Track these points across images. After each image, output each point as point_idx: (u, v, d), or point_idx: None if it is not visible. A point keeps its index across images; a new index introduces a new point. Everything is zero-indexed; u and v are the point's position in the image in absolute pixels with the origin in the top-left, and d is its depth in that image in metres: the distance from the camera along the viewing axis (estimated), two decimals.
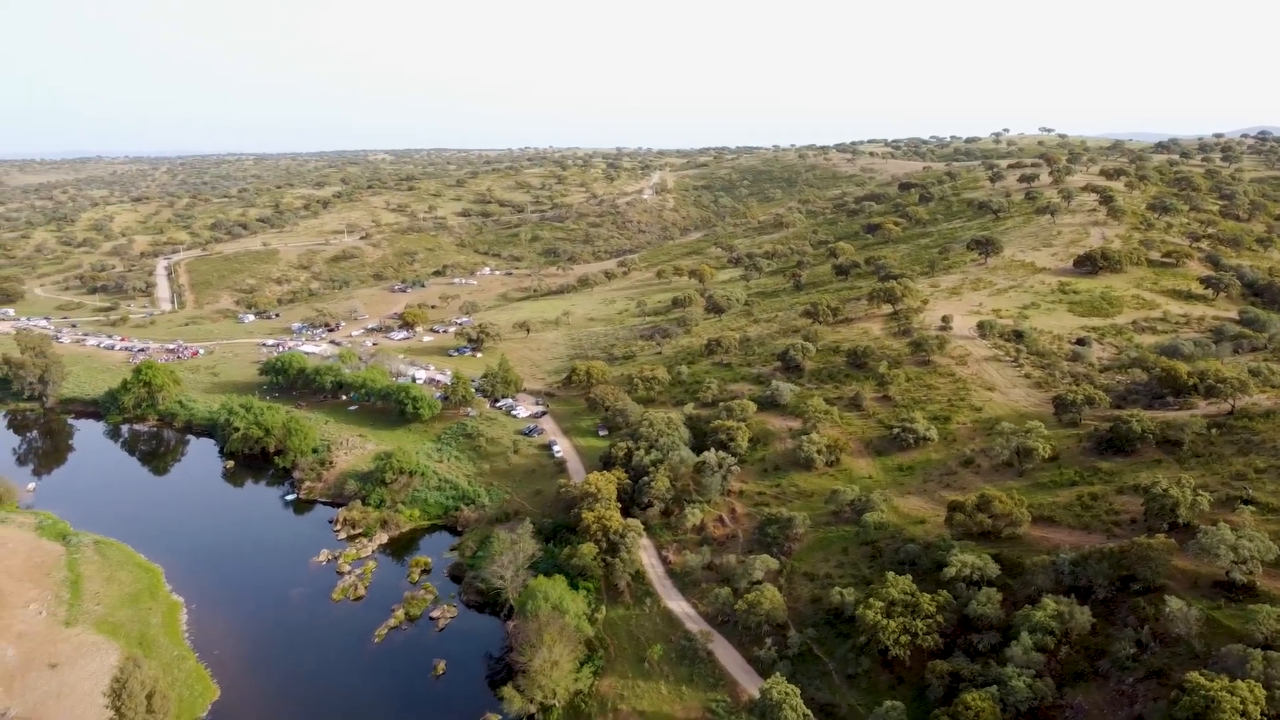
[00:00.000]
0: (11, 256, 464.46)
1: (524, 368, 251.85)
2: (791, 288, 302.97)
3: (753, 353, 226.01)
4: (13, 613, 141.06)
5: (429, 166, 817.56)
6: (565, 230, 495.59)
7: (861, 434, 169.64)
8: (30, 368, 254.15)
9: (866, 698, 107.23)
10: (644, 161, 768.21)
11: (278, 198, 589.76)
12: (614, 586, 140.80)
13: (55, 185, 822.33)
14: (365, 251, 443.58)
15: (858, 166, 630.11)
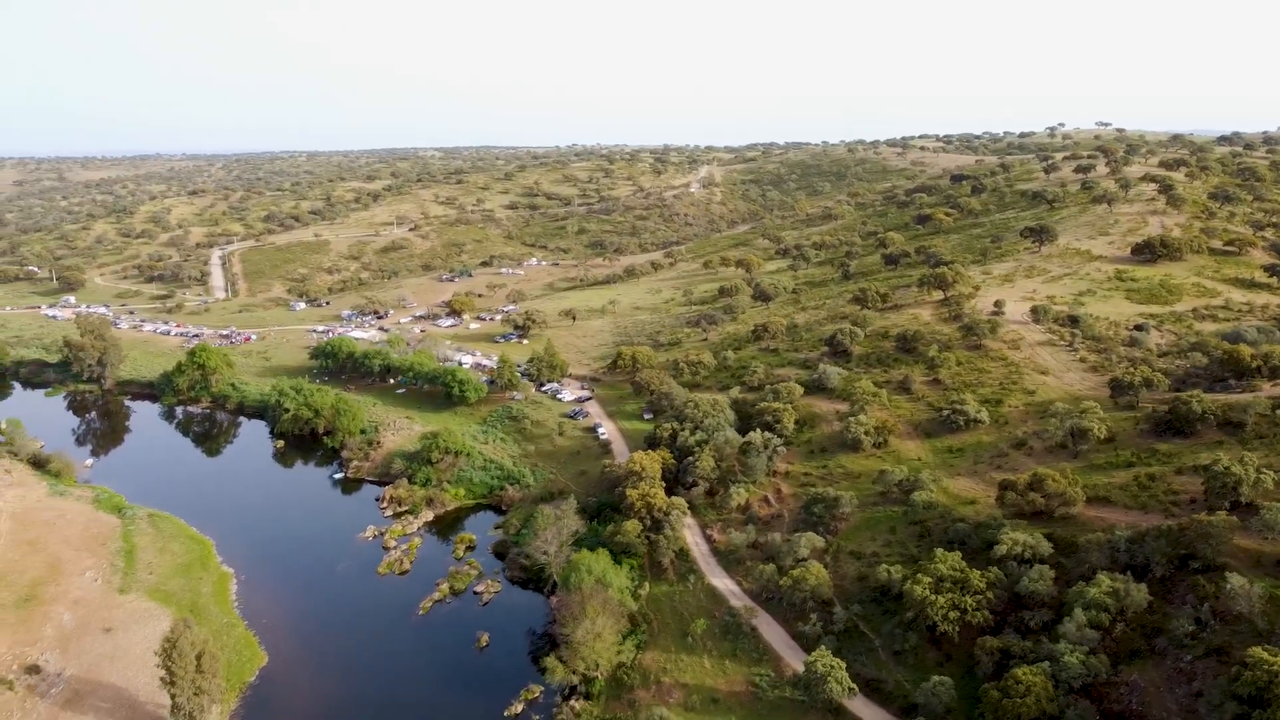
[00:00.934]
0: (73, 247, 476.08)
1: (569, 354, 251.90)
2: (840, 277, 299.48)
3: (800, 339, 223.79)
4: (70, 580, 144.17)
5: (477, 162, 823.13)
6: (612, 223, 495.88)
7: (910, 417, 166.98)
8: (90, 350, 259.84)
9: (913, 674, 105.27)
10: (691, 157, 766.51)
11: (329, 191, 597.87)
12: (658, 563, 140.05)
13: (115, 180, 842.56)
14: (414, 243, 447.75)
15: (908, 160, 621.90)
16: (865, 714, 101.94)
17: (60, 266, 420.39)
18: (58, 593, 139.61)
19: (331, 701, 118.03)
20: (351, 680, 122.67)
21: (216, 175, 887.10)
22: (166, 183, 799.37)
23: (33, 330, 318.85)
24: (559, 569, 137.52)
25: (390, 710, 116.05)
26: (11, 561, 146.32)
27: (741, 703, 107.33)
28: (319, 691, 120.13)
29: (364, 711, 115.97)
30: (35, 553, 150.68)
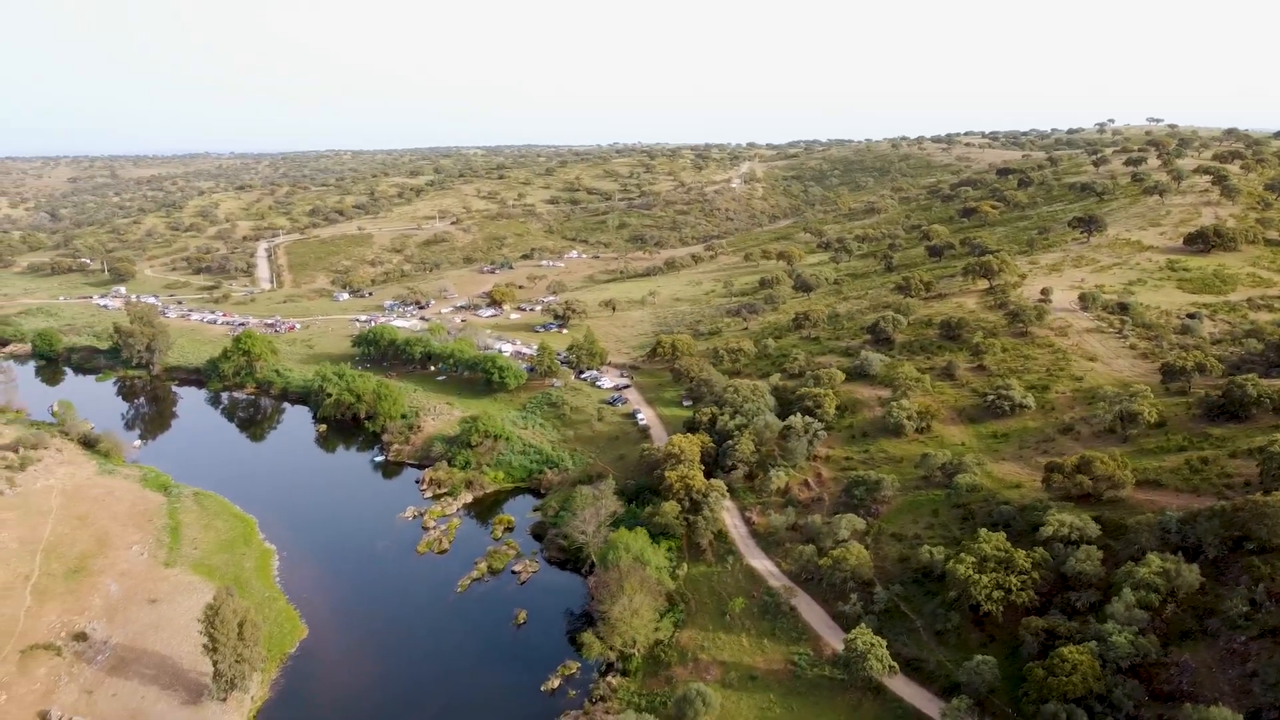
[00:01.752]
0: (124, 240, 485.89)
1: (609, 343, 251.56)
2: (883, 269, 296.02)
3: (841, 327, 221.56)
4: (117, 553, 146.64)
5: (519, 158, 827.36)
6: (652, 218, 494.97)
7: (954, 402, 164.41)
8: (139, 336, 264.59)
9: (955, 654, 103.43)
10: (733, 154, 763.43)
11: (373, 186, 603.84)
12: (696, 545, 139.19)
13: (165, 178, 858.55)
14: (456, 236, 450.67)
15: (953, 156, 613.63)
16: (905, 693, 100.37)
17: (112, 258, 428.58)
18: (105, 565, 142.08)
19: (370, 673, 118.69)
20: (390, 654, 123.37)
21: (263, 172, 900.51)
22: (215, 180, 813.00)
23: (85, 319, 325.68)
24: (597, 549, 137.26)
25: (428, 683, 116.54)
26: (62, 535, 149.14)
27: (780, 680, 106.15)
28: (358, 663, 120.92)
29: (402, 684, 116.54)
30: (84, 527, 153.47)
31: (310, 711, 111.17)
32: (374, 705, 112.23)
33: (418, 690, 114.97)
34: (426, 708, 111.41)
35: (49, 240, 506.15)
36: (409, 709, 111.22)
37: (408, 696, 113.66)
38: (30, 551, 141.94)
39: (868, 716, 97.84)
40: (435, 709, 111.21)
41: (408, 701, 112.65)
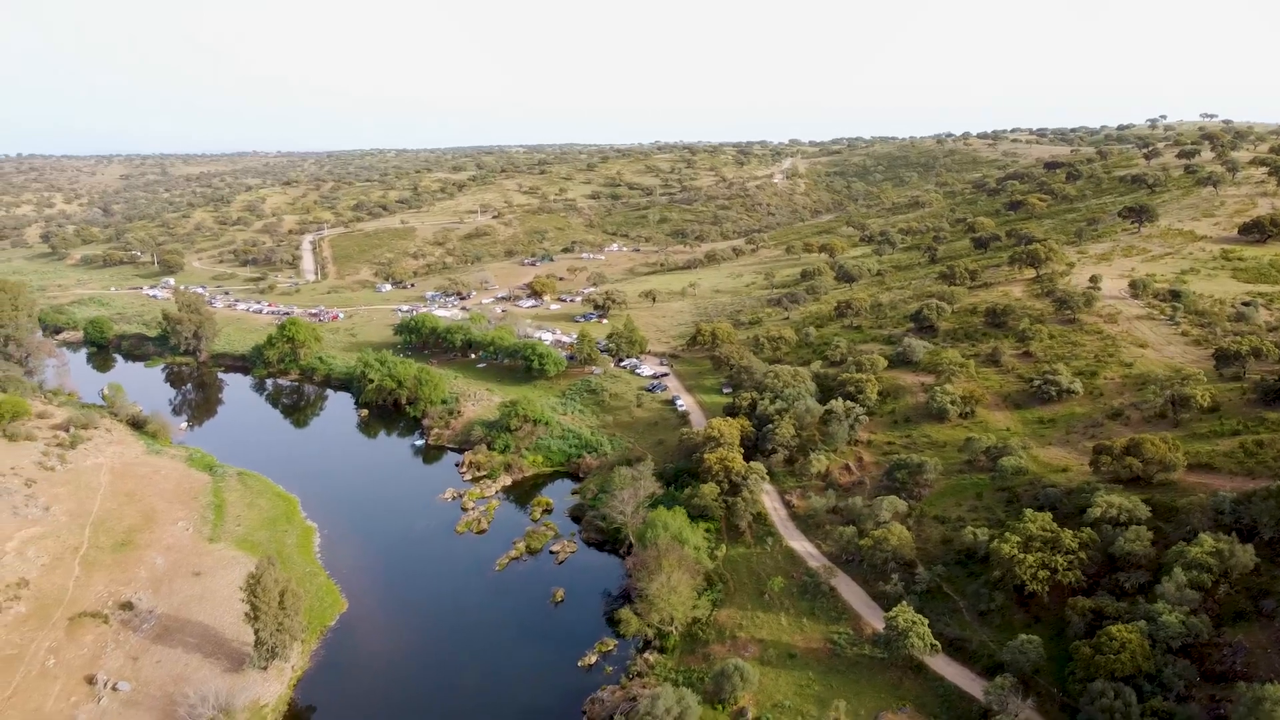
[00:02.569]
0: (173, 233, 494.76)
1: (649, 333, 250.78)
2: (926, 260, 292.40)
3: (884, 316, 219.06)
4: (163, 528, 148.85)
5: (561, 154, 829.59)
6: (694, 212, 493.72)
7: (999, 388, 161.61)
8: (186, 324, 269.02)
9: (999, 635, 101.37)
10: (774, 150, 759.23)
11: (416, 181, 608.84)
12: (734, 527, 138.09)
13: (214, 174, 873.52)
14: (497, 230, 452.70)
15: (999, 151, 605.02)
16: (947, 672, 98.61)
17: (161, 251, 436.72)
18: (151, 539, 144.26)
19: (409, 646, 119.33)
20: (428, 628, 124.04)
21: (309, 170, 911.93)
22: (261, 176, 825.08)
23: (134, 308, 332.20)
24: (634, 529, 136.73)
25: (465, 657, 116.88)
26: (110, 510, 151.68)
27: (819, 659, 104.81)
28: (396, 637, 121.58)
29: (440, 657, 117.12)
30: (132, 503, 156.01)
31: (349, 682, 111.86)
32: (412, 677, 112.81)
33: (455, 663, 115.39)
34: (463, 680, 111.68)
35: (101, 234, 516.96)
36: (446, 681, 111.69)
37: (445, 669, 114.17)
38: (79, 525, 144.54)
39: (908, 695, 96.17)
40: (472, 682, 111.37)
41: (445, 674, 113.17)
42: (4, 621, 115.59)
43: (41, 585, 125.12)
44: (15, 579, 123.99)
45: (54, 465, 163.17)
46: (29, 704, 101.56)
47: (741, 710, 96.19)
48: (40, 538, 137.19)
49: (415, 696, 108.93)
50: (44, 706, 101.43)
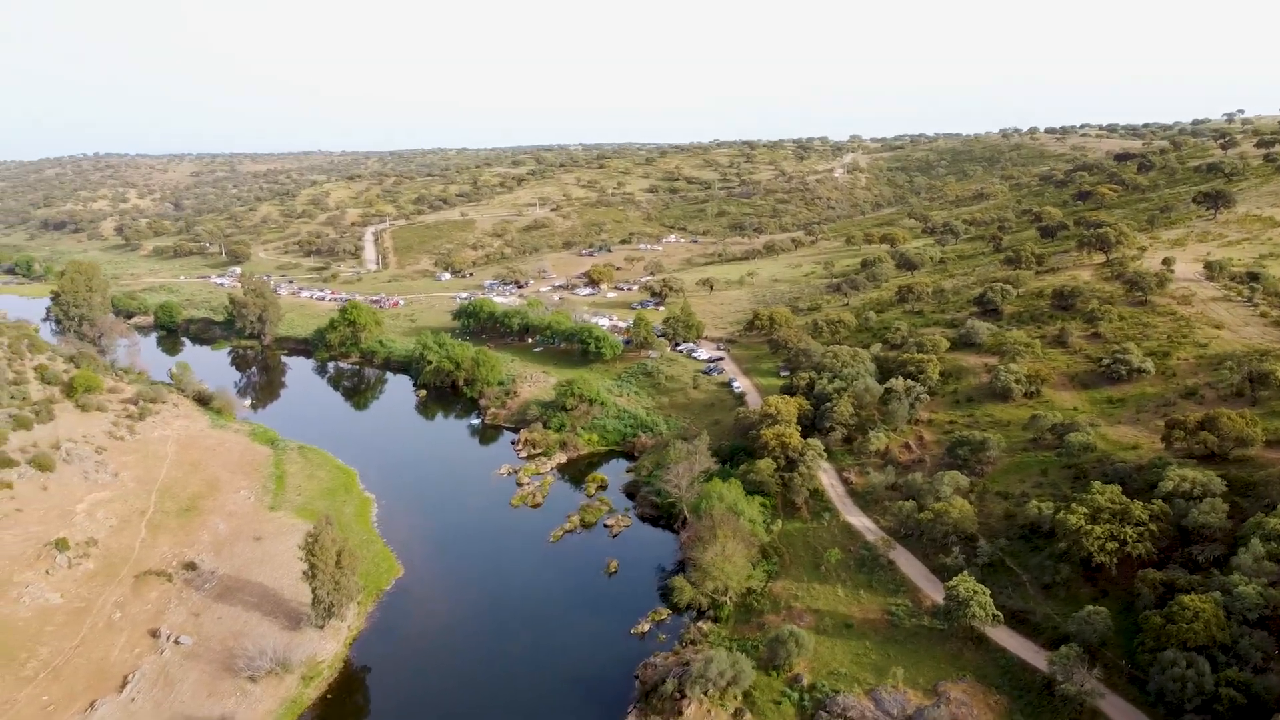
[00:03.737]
0: (241, 226, 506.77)
1: (706, 319, 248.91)
2: (991, 250, 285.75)
3: (947, 301, 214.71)
4: (226, 496, 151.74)
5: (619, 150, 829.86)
6: (752, 205, 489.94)
7: (1066, 368, 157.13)
8: (251, 307, 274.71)
9: (1064, 608, 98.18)
10: (835, 146, 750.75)
11: (476, 176, 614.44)
12: (790, 503, 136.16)
13: (280, 171, 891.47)
14: (555, 222, 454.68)
15: (1067, 145, 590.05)
16: (1009, 644, 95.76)
17: (229, 242, 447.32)
18: (214, 506, 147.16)
19: (462, 611, 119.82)
20: (482, 594, 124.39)
21: (372, 166, 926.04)
22: (326, 173, 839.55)
23: (202, 295, 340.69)
24: (689, 503, 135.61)
25: (518, 622, 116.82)
26: (175, 478, 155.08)
27: (876, 629, 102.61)
28: (451, 602, 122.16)
29: (493, 622, 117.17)
30: (196, 473, 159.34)
31: (404, 643, 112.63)
32: (465, 639, 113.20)
33: (508, 628, 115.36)
34: (516, 644, 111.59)
35: (172, 227, 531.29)
36: (499, 644, 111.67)
37: (498, 633, 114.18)
38: (147, 491, 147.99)
39: (969, 665, 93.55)
40: (525, 646, 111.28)
41: (498, 637, 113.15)
42: (74, 577, 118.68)
43: (109, 545, 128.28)
44: (85, 538, 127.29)
45: (123, 435, 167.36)
46: (95, 653, 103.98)
47: (796, 677, 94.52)
48: (109, 501, 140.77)
49: (468, 659, 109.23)
50: (109, 656, 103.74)
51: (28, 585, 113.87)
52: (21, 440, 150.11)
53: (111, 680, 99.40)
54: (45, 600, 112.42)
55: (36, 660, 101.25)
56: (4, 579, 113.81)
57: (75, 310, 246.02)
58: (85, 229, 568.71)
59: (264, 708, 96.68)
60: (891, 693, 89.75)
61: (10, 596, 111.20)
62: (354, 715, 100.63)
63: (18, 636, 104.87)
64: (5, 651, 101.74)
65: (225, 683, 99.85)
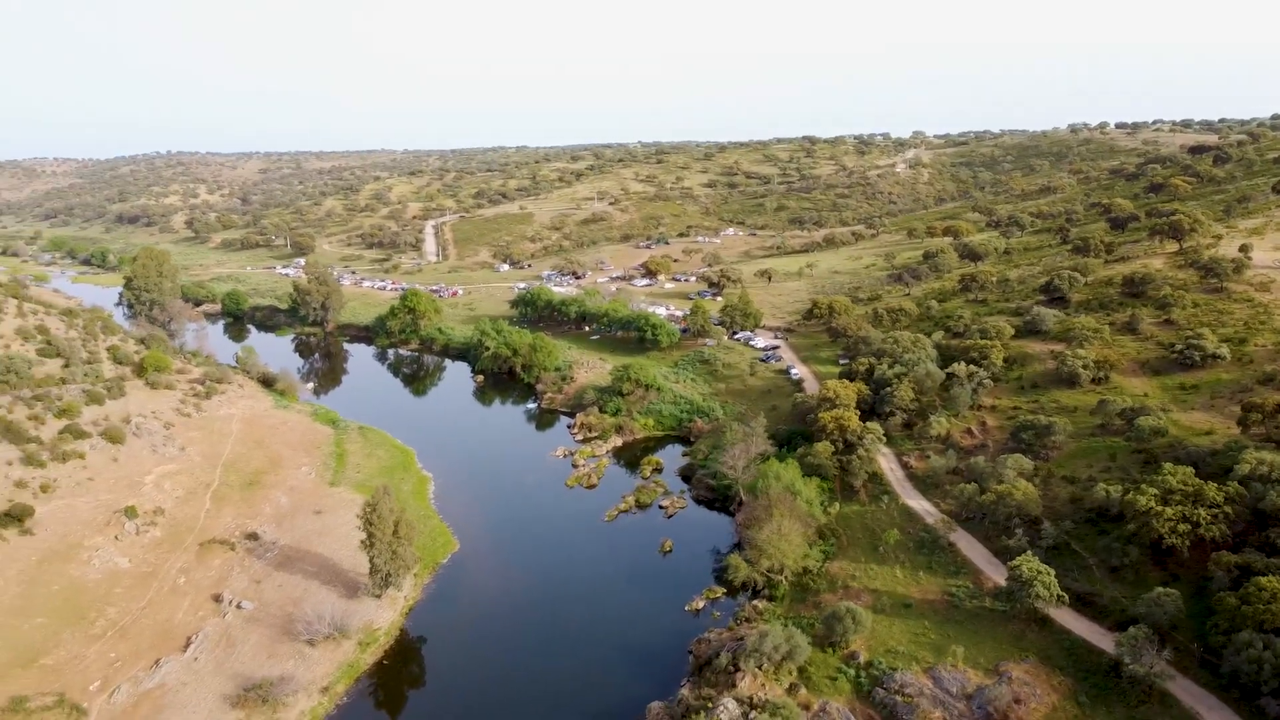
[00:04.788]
0: (305, 219, 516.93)
1: (764, 309, 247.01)
2: (1058, 242, 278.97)
3: (1012, 290, 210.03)
4: (288, 472, 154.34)
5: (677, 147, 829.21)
6: (812, 200, 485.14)
7: (1136, 355, 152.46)
8: (315, 295, 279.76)
9: (1132, 590, 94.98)
10: (898, 142, 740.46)
11: (535, 171, 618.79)
12: (849, 486, 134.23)
13: (344, 168, 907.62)
14: (613, 216, 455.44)
15: (1139, 140, 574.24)
16: (1074, 626, 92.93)
17: (294, 234, 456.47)
18: (277, 480, 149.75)
19: (516, 585, 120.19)
20: (536, 570, 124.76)
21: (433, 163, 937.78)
22: (389, 170, 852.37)
23: (268, 285, 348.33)
24: (745, 484, 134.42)
25: (572, 597, 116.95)
26: (240, 454, 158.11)
27: (935, 610, 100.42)
28: (506, 576, 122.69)
29: (547, 596, 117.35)
30: (260, 449, 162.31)
31: (460, 615, 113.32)
32: (518, 612, 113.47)
33: (562, 603, 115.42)
34: (570, 618, 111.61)
35: (240, 220, 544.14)
36: (553, 618, 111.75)
37: (552, 607, 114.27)
38: (212, 465, 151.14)
39: (1032, 646, 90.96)
40: (578, 619, 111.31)
41: (552, 612, 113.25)
42: (141, 543, 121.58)
43: (175, 514, 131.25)
44: (152, 507, 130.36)
45: (190, 412, 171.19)
46: (160, 615, 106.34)
47: (853, 654, 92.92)
48: (176, 473, 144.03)
49: (523, 631, 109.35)
50: (174, 618, 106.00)
51: (98, 549, 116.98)
52: (94, 414, 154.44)
53: (175, 640, 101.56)
54: (114, 564, 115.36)
55: (105, 619, 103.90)
56: (76, 543, 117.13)
57: (146, 295, 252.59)
58: (157, 223, 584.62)
59: (322, 670, 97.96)
60: (951, 671, 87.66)
61: (81, 559, 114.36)
62: (410, 682, 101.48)
63: (88, 597, 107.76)
64: (76, 611, 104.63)
65: (284, 646, 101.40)
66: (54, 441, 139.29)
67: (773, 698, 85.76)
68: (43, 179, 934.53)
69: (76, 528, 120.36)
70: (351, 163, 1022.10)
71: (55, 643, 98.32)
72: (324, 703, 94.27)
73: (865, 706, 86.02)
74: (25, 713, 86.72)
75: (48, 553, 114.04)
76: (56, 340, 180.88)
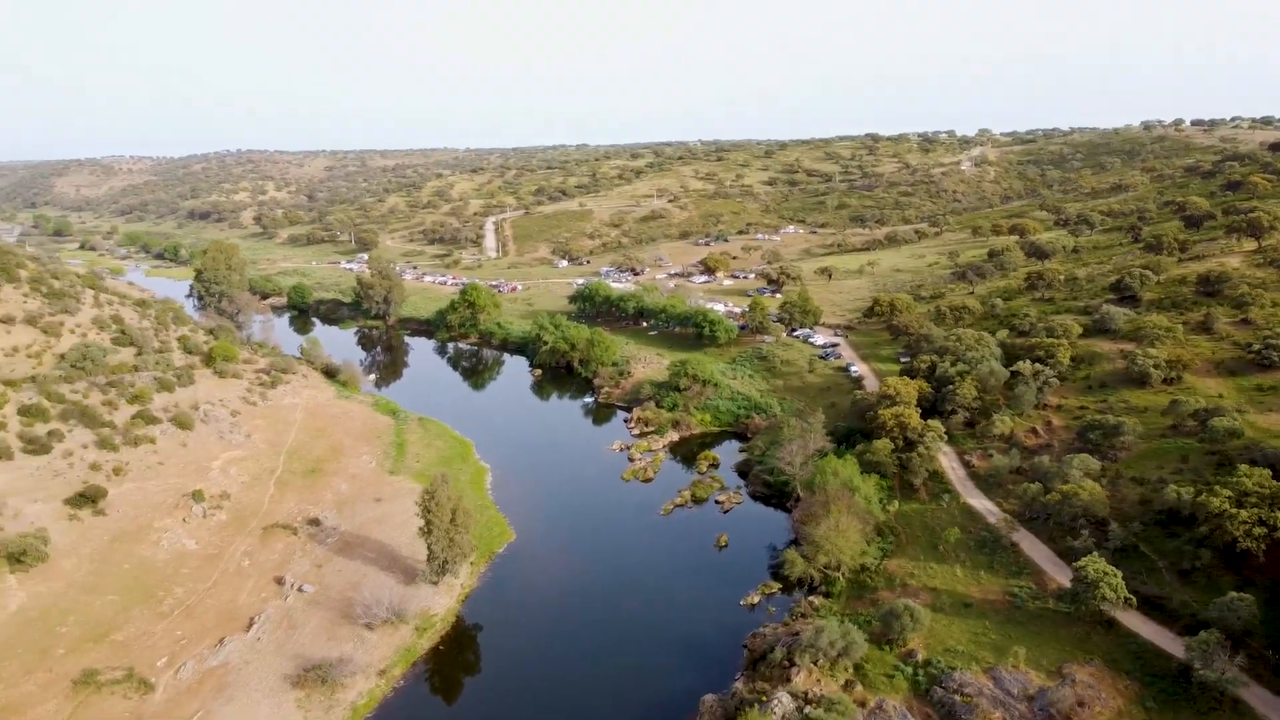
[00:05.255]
0: (369, 216, 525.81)
1: (824, 307, 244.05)
2: (1129, 240, 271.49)
3: (1080, 289, 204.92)
4: (349, 460, 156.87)
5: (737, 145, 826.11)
6: (874, 198, 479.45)
7: (1210, 354, 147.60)
8: (377, 288, 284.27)
9: (1203, 595, 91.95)
10: (962, 140, 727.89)
11: (595, 168, 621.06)
12: (908, 484, 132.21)
13: (407, 166, 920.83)
14: (672, 213, 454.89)
15: (1215, 137, 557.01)
16: (1142, 630, 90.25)
17: (358, 230, 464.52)
18: (338, 468, 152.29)
19: (573, 575, 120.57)
20: (591, 560, 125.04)
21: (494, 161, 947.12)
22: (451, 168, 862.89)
23: (332, 279, 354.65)
24: (802, 480, 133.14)
25: (626, 587, 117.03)
26: (302, 442, 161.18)
27: (996, 610, 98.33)
28: (561, 567, 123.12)
29: (602, 586, 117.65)
30: (322, 438, 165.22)
31: (515, 603, 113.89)
32: (573, 602, 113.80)
33: (617, 593, 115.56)
34: (623, 608, 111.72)
35: (306, 217, 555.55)
36: (608, 609, 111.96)
37: (607, 598, 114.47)
38: (275, 452, 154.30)
39: (1097, 649, 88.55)
40: (632, 609, 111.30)
41: (607, 602, 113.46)
42: (207, 526, 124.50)
43: (240, 499, 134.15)
44: (219, 492, 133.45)
45: (256, 401, 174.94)
46: (225, 595, 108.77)
47: (910, 652, 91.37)
48: (241, 460, 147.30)
49: (577, 621, 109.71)
50: (237, 599, 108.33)
51: (166, 531, 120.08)
52: (164, 401, 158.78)
53: (239, 620, 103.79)
54: (182, 545, 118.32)
55: (172, 598, 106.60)
56: (145, 524, 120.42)
57: (215, 287, 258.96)
58: (227, 218, 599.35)
59: (379, 653, 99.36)
60: (1012, 672, 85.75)
61: (151, 540, 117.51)
62: (465, 668, 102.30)
63: (156, 576, 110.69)
64: (145, 589, 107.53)
65: (344, 629, 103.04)
66: (126, 426, 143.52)
67: (828, 693, 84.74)
68: (120, 176, 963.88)
69: (146, 510, 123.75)
70: (415, 161, 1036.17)
71: (125, 619, 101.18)
72: (381, 685, 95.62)
73: (923, 705, 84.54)
74: (96, 685, 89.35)
75: (119, 533, 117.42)
76: (130, 330, 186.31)
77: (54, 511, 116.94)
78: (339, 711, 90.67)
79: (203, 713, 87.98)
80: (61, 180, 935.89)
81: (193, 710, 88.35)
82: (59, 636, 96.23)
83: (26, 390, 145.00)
